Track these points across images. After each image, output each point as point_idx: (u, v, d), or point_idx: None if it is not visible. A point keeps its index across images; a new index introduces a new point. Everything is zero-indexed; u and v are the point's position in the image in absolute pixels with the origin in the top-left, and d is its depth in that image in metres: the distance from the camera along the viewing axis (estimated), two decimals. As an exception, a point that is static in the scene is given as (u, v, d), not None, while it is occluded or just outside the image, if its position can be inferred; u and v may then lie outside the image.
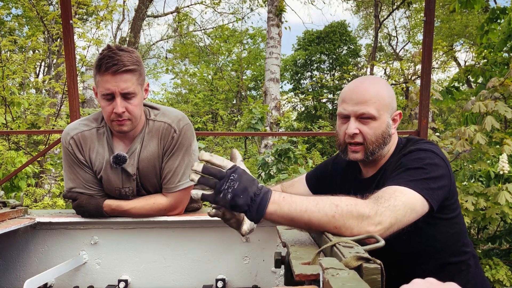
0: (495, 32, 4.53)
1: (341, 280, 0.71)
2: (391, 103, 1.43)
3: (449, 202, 1.36)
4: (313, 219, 1.10)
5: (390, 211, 1.12)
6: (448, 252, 1.40)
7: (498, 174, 3.68)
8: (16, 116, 6.10)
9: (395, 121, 1.47)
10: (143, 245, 1.90)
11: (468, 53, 16.50)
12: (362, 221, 1.09)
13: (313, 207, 1.10)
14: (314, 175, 1.76)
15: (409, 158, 1.34)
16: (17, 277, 1.90)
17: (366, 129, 1.40)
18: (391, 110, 1.43)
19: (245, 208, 1.08)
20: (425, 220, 1.24)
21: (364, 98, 1.39)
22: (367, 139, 1.41)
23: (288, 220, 1.12)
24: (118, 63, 1.59)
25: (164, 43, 17.49)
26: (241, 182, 1.08)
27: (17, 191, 4.51)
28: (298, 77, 19.91)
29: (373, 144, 1.41)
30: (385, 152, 1.47)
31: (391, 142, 1.48)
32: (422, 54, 2.82)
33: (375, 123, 1.39)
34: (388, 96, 1.42)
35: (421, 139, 1.48)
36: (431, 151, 1.35)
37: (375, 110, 1.38)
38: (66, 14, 2.65)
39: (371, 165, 1.51)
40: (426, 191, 1.22)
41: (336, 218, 1.09)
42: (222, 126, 13.30)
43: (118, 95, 1.63)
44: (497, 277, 3.59)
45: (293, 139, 4.93)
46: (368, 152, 1.42)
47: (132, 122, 1.70)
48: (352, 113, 1.41)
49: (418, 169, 1.28)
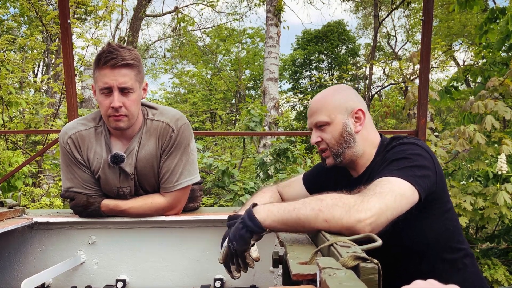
0: (494, 32, 4.53)
1: (338, 279, 0.71)
2: (342, 104, 1.50)
3: (438, 196, 1.36)
4: (301, 216, 1.14)
5: (377, 197, 1.13)
6: (443, 249, 1.41)
7: (497, 174, 3.68)
8: (13, 115, 6.09)
9: (358, 118, 1.50)
10: (141, 245, 1.90)
11: (466, 53, 16.52)
12: (349, 210, 1.10)
13: (300, 205, 1.16)
14: (310, 175, 1.78)
15: (392, 151, 1.38)
16: (15, 277, 1.90)
17: (324, 135, 1.51)
18: (345, 110, 1.49)
19: (242, 229, 1.21)
20: (417, 215, 1.24)
21: (314, 109, 1.52)
22: (328, 143, 1.50)
23: (282, 223, 1.17)
24: (117, 57, 1.60)
25: (162, 43, 17.46)
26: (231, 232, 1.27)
27: (14, 191, 4.50)
28: (297, 77, 19.90)
29: (335, 146, 1.49)
30: (358, 151, 1.50)
31: (367, 141, 1.51)
32: (420, 54, 2.81)
33: (330, 127, 1.49)
34: (338, 99, 1.50)
35: (405, 136, 1.50)
36: (414, 143, 1.37)
37: (325, 116, 1.49)
38: (64, 13, 2.65)
39: (354, 166, 1.55)
40: (411, 177, 1.22)
41: (323, 210, 1.12)
42: (221, 126, 13.30)
43: (116, 89, 1.63)
44: (496, 277, 3.60)
45: (291, 139, 4.93)
46: (334, 155, 1.51)
47: (129, 118, 1.70)
48: (310, 125, 1.55)
49: (401, 159, 1.30)
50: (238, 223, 1.24)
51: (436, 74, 20.74)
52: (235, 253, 1.27)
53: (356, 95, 1.55)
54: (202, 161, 4.72)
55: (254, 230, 1.19)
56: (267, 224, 1.18)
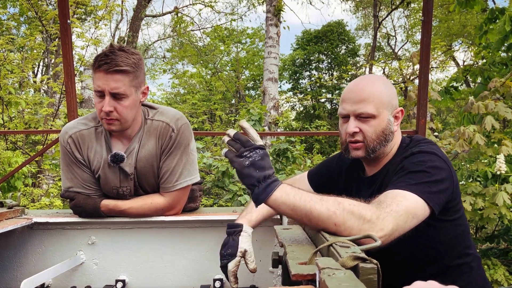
0: (493, 32, 4.53)
1: (337, 280, 0.71)
2: (390, 100, 1.43)
3: (452, 204, 1.35)
4: (314, 211, 1.11)
5: (392, 217, 1.12)
6: (451, 254, 1.40)
7: (496, 174, 3.68)
8: (13, 115, 6.08)
9: (397, 118, 1.46)
10: (141, 245, 1.89)
11: (466, 53, 16.52)
12: (363, 224, 1.09)
13: (317, 200, 1.13)
14: (317, 172, 1.73)
15: (410, 161, 1.33)
16: (14, 278, 1.90)
17: (366, 127, 1.41)
18: (391, 107, 1.43)
19: (254, 182, 1.12)
20: (428, 223, 1.23)
21: (362, 97, 1.39)
22: (367, 137, 1.41)
23: (290, 207, 1.13)
24: (110, 62, 1.59)
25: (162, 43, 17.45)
26: (263, 159, 1.14)
27: (14, 191, 4.50)
28: (296, 77, 19.89)
29: (374, 142, 1.41)
30: (388, 150, 1.46)
31: (394, 140, 1.47)
32: (420, 54, 2.82)
33: (375, 121, 1.40)
34: (387, 94, 1.42)
35: (424, 138, 1.47)
36: (433, 153, 1.33)
37: (373, 108, 1.39)
38: (64, 13, 2.64)
39: (374, 164, 1.50)
40: (428, 194, 1.21)
41: (337, 214, 1.10)
42: (220, 126, 13.29)
43: (108, 94, 1.62)
44: (495, 277, 3.60)
45: (291, 139, 4.93)
46: (369, 149, 1.42)
47: (121, 122, 1.69)
48: (351, 112, 1.42)
49: (419, 172, 1.27)
50: (258, 176, 1.13)
51: (436, 74, 20.74)
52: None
53: (396, 93, 1.50)
54: (202, 161, 4.72)
55: (258, 199, 1.14)
56: (274, 204, 1.14)
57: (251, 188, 1.15)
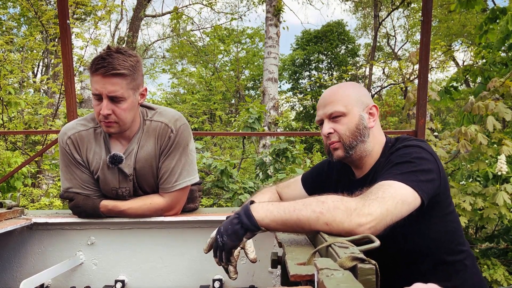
0: (494, 32, 4.53)
1: (335, 280, 0.71)
2: (359, 98, 1.47)
3: (441, 199, 1.35)
4: (302, 218, 1.13)
5: (378, 202, 1.12)
6: (444, 251, 1.40)
7: (496, 174, 3.68)
8: (13, 116, 6.08)
9: (372, 114, 1.49)
10: (140, 246, 1.89)
11: (466, 53, 16.52)
12: (351, 214, 1.10)
13: (301, 206, 1.15)
14: (310, 176, 1.76)
15: (396, 154, 1.36)
16: (13, 278, 1.90)
17: (338, 127, 1.46)
18: (361, 104, 1.47)
19: (236, 224, 1.19)
20: (418, 217, 1.23)
21: (331, 100, 1.47)
22: (341, 135, 1.45)
23: (281, 223, 1.16)
24: (107, 66, 1.58)
25: (161, 43, 17.45)
26: (223, 224, 1.25)
27: (13, 191, 4.50)
28: (296, 77, 19.90)
29: (349, 138, 1.45)
30: (369, 147, 1.48)
31: (375, 138, 1.49)
32: (419, 54, 2.82)
33: (346, 119, 1.45)
34: (355, 93, 1.48)
35: (410, 137, 1.48)
36: (418, 146, 1.35)
37: (342, 106, 1.45)
38: (63, 13, 2.64)
39: (360, 165, 1.52)
40: (415, 183, 1.21)
41: (324, 213, 1.11)
42: (220, 126, 13.28)
43: (105, 97, 1.62)
44: (495, 277, 3.60)
45: (290, 139, 4.92)
46: (346, 146, 1.46)
47: (120, 125, 1.69)
48: (323, 116, 1.49)
49: (405, 163, 1.28)
50: (233, 218, 1.22)
51: (435, 74, 20.74)
52: (222, 247, 1.25)
53: (368, 93, 1.54)
54: (202, 162, 4.72)
55: (249, 228, 1.18)
56: (264, 224, 1.17)
57: (242, 228, 1.20)
